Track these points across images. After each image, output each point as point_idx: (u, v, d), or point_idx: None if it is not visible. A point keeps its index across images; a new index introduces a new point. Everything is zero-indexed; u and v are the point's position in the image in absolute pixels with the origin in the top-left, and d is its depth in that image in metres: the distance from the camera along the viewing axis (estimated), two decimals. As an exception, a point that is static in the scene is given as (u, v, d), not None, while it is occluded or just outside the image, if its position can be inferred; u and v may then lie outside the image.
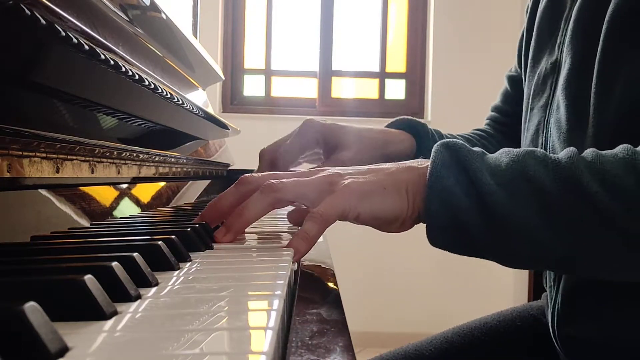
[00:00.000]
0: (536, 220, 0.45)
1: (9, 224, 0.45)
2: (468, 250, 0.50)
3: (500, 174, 0.47)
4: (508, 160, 0.48)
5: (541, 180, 0.46)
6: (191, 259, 0.42)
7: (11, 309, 0.20)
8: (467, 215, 0.47)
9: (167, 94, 0.68)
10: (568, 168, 0.46)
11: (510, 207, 0.46)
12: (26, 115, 0.47)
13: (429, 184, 0.48)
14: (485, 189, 0.46)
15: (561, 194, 0.45)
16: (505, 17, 2.76)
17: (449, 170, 0.47)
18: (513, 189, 0.46)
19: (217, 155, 1.26)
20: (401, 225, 0.51)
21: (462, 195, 0.47)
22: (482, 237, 0.47)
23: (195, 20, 1.51)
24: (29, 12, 0.37)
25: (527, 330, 0.75)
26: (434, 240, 0.50)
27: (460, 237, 0.48)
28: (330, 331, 0.29)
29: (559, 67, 0.65)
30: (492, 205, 0.46)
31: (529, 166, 0.46)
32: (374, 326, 2.66)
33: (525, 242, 0.46)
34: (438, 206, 0.47)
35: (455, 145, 0.49)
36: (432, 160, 0.49)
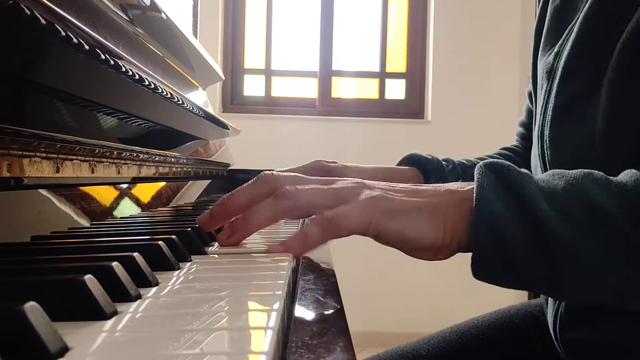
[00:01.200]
0: (598, 252, 0.41)
1: (9, 224, 0.45)
2: (517, 284, 0.45)
3: (557, 198, 0.42)
4: (564, 184, 0.43)
5: (605, 207, 0.41)
6: (191, 259, 0.42)
7: (11, 308, 0.20)
8: (519, 245, 0.42)
9: (167, 93, 0.68)
10: (636, 192, 0.42)
11: (572, 237, 0.41)
12: (26, 115, 0.47)
13: (476, 209, 0.42)
14: (543, 214, 0.41)
15: (628, 221, 0.41)
16: (505, 17, 2.76)
17: (498, 195, 0.42)
18: (574, 215, 0.41)
19: (217, 155, 1.26)
20: (436, 253, 0.46)
21: (514, 222, 0.42)
22: (534, 268, 0.42)
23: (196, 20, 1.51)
24: (29, 12, 0.37)
25: (525, 329, 0.75)
26: (480, 272, 0.44)
27: (510, 269, 0.43)
28: (330, 331, 0.29)
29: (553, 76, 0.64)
30: (551, 235, 0.41)
31: (590, 190, 0.42)
32: (374, 326, 2.65)
33: (582, 274, 0.42)
34: (486, 234, 0.42)
35: (502, 167, 0.44)
36: (478, 183, 0.43)
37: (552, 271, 0.42)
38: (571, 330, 0.62)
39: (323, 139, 2.68)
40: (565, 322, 0.62)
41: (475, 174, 0.44)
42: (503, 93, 2.73)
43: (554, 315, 0.64)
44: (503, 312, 0.78)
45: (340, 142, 2.68)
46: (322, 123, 2.74)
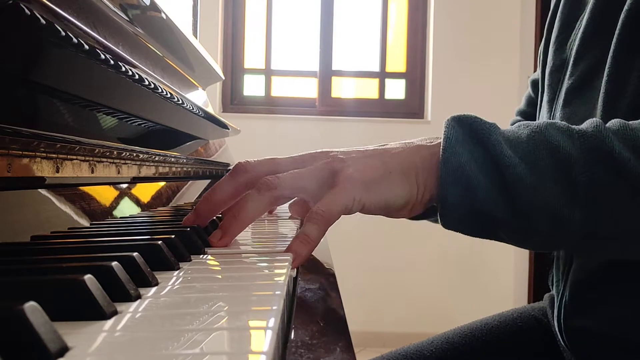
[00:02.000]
0: (561, 193, 0.42)
1: (9, 223, 0.45)
2: (484, 231, 0.47)
3: (521, 147, 0.43)
4: (529, 132, 0.45)
5: (567, 150, 0.43)
6: (191, 259, 0.42)
7: (11, 308, 0.20)
8: (485, 193, 0.43)
9: (167, 93, 0.68)
10: (595, 137, 0.43)
11: (533, 181, 0.42)
12: (26, 115, 0.47)
13: (443, 163, 0.44)
14: (506, 161, 0.43)
15: (590, 165, 0.42)
16: (505, 17, 2.76)
17: (464, 147, 0.44)
18: (536, 161, 0.43)
19: (217, 155, 1.26)
20: (411, 210, 0.48)
21: (479, 172, 0.43)
22: (501, 215, 0.44)
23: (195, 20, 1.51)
24: (29, 12, 0.37)
25: (528, 331, 0.75)
26: (449, 223, 0.46)
27: (477, 218, 0.45)
28: (330, 331, 0.29)
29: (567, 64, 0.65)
30: (513, 180, 0.43)
31: (553, 137, 0.43)
32: (374, 326, 2.66)
33: (548, 217, 0.43)
34: (453, 186, 0.44)
35: (468, 119, 0.46)
36: (445, 136, 0.45)
37: (518, 218, 0.43)
38: (575, 318, 0.62)
39: (323, 139, 2.68)
40: (569, 310, 0.62)
41: (443, 126, 0.46)
42: (503, 93, 2.73)
43: (558, 305, 0.64)
44: (507, 315, 0.79)
45: (340, 142, 2.67)
46: (322, 123, 2.74)
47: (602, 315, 0.60)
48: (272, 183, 0.46)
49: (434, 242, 2.62)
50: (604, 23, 0.60)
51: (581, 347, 0.63)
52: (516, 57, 2.74)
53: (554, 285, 0.68)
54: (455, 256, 2.67)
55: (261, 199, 0.47)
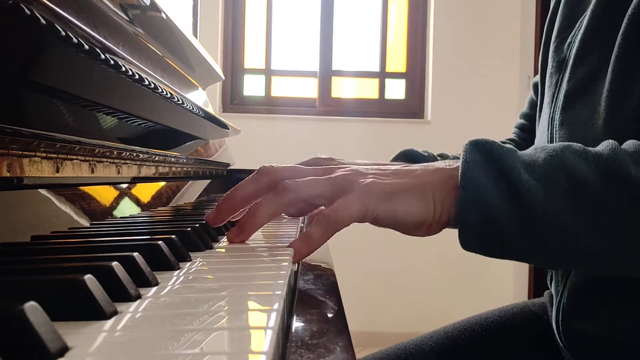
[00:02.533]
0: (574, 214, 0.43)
1: (9, 223, 0.45)
2: (502, 252, 0.47)
3: (538, 170, 0.45)
4: (545, 155, 0.46)
5: (583, 174, 0.44)
6: (191, 259, 0.42)
7: (11, 308, 0.20)
8: (502, 216, 0.44)
9: (167, 93, 0.68)
10: (611, 160, 0.44)
11: (548, 203, 0.43)
12: (26, 115, 0.47)
13: (462, 185, 0.45)
14: (523, 185, 0.44)
15: (604, 187, 0.43)
16: (505, 17, 2.76)
17: (482, 169, 0.45)
18: (551, 184, 0.44)
19: (217, 155, 1.26)
20: (427, 229, 0.49)
21: (497, 195, 0.44)
22: (517, 237, 0.45)
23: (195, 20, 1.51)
24: (29, 12, 0.37)
25: (528, 327, 0.75)
26: (468, 243, 0.47)
27: (494, 239, 0.46)
28: (330, 331, 0.29)
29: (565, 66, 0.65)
30: (530, 202, 0.44)
31: (568, 160, 0.45)
32: (374, 326, 2.66)
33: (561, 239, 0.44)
34: (472, 207, 0.45)
35: (486, 144, 0.47)
36: (463, 159, 0.46)
37: (536, 240, 0.44)
38: (573, 321, 0.62)
39: (323, 139, 2.68)
40: (567, 313, 0.62)
41: (461, 151, 0.47)
42: (503, 93, 2.73)
43: (556, 306, 0.64)
44: (506, 309, 0.78)
45: (340, 142, 2.68)
46: (322, 123, 2.74)
47: (601, 319, 0.60)
48: (290, 187, 0.48)
49: (434, 243, 2.61)
50: (606, 25, 0.60)
51: (579, 349, 0.63)
52: (516, 57, 2.74)
53: (552, 287, 0.68)
54: (455, 256, 2.67)
55: (279, 200, 0.48)
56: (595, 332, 0.60)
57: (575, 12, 0.68)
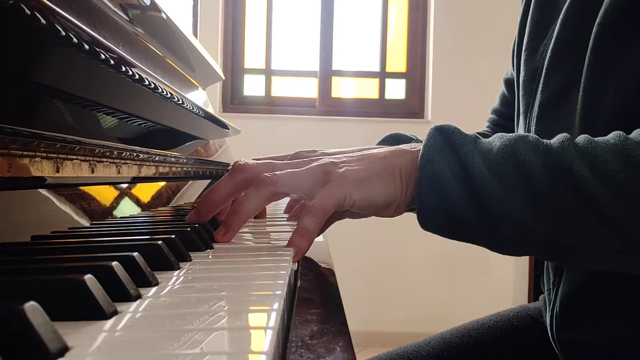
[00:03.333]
0: (523, 205, 0.45)
1: (9, 223, 0.45)
2: (458, 235, 0.49)
3: (491, 159, 0.46)
4: (500, 145, 0.47)
5: (531, 165, 0.45)
6: (191, 259, 0.42)
7: (11, 308, 0.20)
8: (456, 200, 0.46)
9: (167, 93, 0.68)
10: (559, 154, 0.45)
11: (499, 193, 0.45)
12: (26, 115, 0.47)
13: (420, 167, 0.47)
14: (476, 173, 0.46)
15: (550, 180, 0.45)
16: (505, 17, 2.75)
17: (441, 154, 0.47)
18: (502, 174, 0.46)
19: (218, 155, 1.26)
20: (396, 209, 0.51)
21: (452, 179, 0.46)
22: (471, 221, 0.47)
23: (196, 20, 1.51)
24: (29, 12, 0.37)
25: (524, 331, 0.75)
26: (425, 223, 0.49)
27: (450, 221, 0.48)
28: (330, 331, 0.29)
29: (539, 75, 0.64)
30: (481, 190, 0.46)
31: (520, 150, 0.46)
32: (374, 326, 2.66)
33: (512, 227, 0.46)
34: (429, 190, 0.47)
35: (448, 129, 0.48)
36: (425, 143, 0.48)
37: (487, 225, 0.47)
38: (566, 329, 0.62)
39: (323, 139, 2.68)
40: (560, 321, 0.62)
41: (426, 134, 0.49)
42: (503, 93, 2.73)
43: (550, 315, 0.64)
44: (503, 314, 0.79)
45: (340, 142, 2.67)
46: (322, 123, 2.74)
47: (593, 327, 0.59)
48: (270, 179, 0.49)
49: (433, 242, 2.61)
50: (577, 35, 0.59)
51: (574, 357, 0.63)
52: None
53: (545, 293, 0.68)
54: (455, 256, 2.67)
55: (259, 193, 0.49)
56: (589, 340, 0.60)
57: (546, 19, 0.66)
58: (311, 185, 0.49)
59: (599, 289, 0.59)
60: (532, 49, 0.67)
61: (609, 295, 0.58)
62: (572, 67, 0.59)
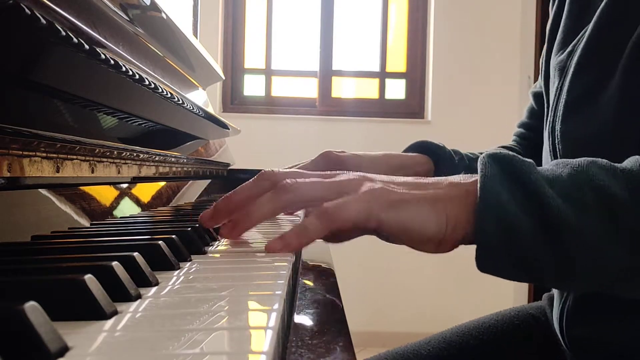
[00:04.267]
0: (605, 232, 0.41)
1: (10, 223, 0.45)
2: (526, 275, 0.44)
3: (563, 185, 0.42)
4: (570, 171, 0.43)
5: (611, 190, 0.41)
6: (191, 259, 0.42)
7: (11, 308, 0.20)
8: (527, 235, 0.41)
9: (168, 93, 0.68)
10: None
11: (580, 222, 0.40)
12: (26, 115, 0.47)
13: (481, 200, 0.41)
14: (549, 202, 0.41)
15: (634, 203, 0.41)
16: (505, 17, 2.76)
17: (502, 184, 0.42)
18: (580, 201, 0.41)
19: (218, 155, 1.26)
20: (437, 246, 0.45)
21: (520, 212, 0.41)
22: (543, 257, 0.41)
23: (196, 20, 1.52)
24: (29, 12, 0.37)
25: (525, 330, 0.75)
26: (486, 264, 0.43)
27: (518, 260, 0.42)
28: (330, 331, 0.29)
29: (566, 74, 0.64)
30: (558, 221, 0.40)
31: (595, 176, 0.42)
32: (374, 326, 2.66)
33: (590, 257, 0.41)
34: (492, 225, 0.41)
35: (506, 157, 0.43)
36: (482, 173, 0.43)
37: (560, 259, 0.41)
38: (578, 327, 0.62)
39: (323, 139, 2.68)
40: (572, 319, 0.62)
41: (478, 164, 0.44)
42: (503, 93, 2.73)
43: (559, 312, 0.64)
44: (504, 313, 0.78)
45: (341, 142, 2.67)
46: (322, 123, 2.74)
47: (606, 325, 0.59)
48: (290, 186, 0.46)
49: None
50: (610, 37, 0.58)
51: (584, 354, 0.63)
52: (516, 57, 2.74)
53: (555, 291, 0.67)
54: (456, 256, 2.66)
55: (277, 199, 0.46)
56: (601, 337, 0.60)
57: (579, 22, 0.66)
58: (334, 197, 0.44)
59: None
60: (562, 49, 0.67)
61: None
62: (601, 68, 0.58)
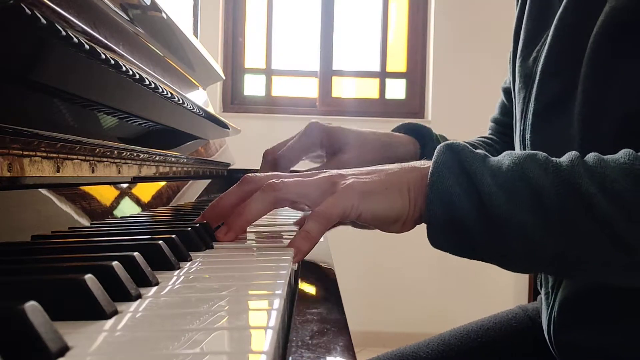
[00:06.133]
0: (532, 221, 0.45)
1: (10, 223, 0.45)
2: (467, 252, 0.50)
3: (501, 176, 0.47)
4: (509, 163, 0.48)
5: (540, 183, 0.46)
6: (192, 259, 0.42)
7: (12, 308, 0.20)
8: (466, 217, 0.47)
9: (168, 93, 0.68)
10: (568, 172, 0.46)
11: (508, 209, 0.46)
12: (27, 115, 0.47)
13: (430, 185, 0.48)
14: (485, 190, 0.46)
15: (559, 197, 0.45)
16: (505, 17, 2.75)
17: (451, 171, 0.48)
18: (512, 191, 0.46)
19: (218, 155, 1.26)
20: (403, 225, 0.51)
21: (462, 197, 0.47)
22: (480, 238, 0.47)
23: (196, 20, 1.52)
24: (30, 12, 0.37)
25: (523, 332, 0.75)
26: (435, 241, 0.50)
27: (459, 239, 0.48)
28: (330, 331, 0.29)
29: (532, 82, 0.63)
30: (491, 207, 0.46)
31: (529, 169, 0.47)
32: (374, 326, 2.66)
33: (521, 243, 0.46)
34: (439, 207, 0.47)
35: (457, 147, 0.49)
36: (435, 160, 0.49)
37: (497, 242, 0.47)
38: (564, 333, 0.62)
39: (323, 139, 2.67)
40: (558, 324, 0.62)
41: (435, 152, 0.49)
42: (503, 93, 2.73)
43: (547, 318, 0.64)
44: (502, 315, 0.79)
45: (341, 141, 2.68)
46: (322, 123, 2.73)
47: (592, 331, 0.59)
48: (276, 185, 0.50)
49: (434, 242, 2.61)
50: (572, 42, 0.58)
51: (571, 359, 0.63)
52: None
53: (542, 296, 0.67)
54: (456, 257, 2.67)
55: (265, 198, 0.50)
56: (587, 343, 0.60)
57: (540, 25, 0.65)
58: (318, 194, 0.50)
59: (598, 294, 0.59)
60: (525, 56, 0.66)
61: (608, 300, 0.58)
62: (566, 75, 0.58)
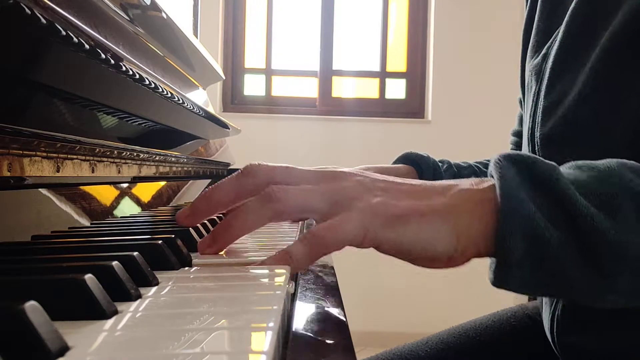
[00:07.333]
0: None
1: (10, 223, 0.45)
2: (553, 292, 0.40)
3: (595, 193, 0.37)
4: (598, 175, 0.38)
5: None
6: (192, 258, 0.42)
7: (12, 308, 0.20)
8: (558, 251, 0.36)
9: (168, 93, 0.68)
10: None
11: (619, 235, 0.36)
12: (27, 115, 0.47)
13: (503, 212, 0.36)
14: (582, 211, 0.36)
15: None
16: (505, 17, 2.75)
17: (526, 192, 0.37)
18: (616, 211, 0.36)
19: (218, 155, 1.26)
20: (448, 262, 0.39)
21: (549, 224, 0.36)
22: (578, 274, 0.37)
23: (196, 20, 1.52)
24: (30, 11, 0.37)
25: (522, 331, 0.75)
26: (504, 281, 0.38)
27: (547, 278, 0.37)
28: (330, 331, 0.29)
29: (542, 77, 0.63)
30: (594, 235, 0.36)
31: (632, 180, 0.37)
32: (374, 326, 2.65)
33: (633, 275, 0.37)
34: (518, 241, 0.36)
35: (524, 158, 0.38)
36: (500, 176, 0.37)
37: (597, 275, 0.37)
38: (567, 334, 0.62)
39: (323, 139, 2.68)
40: (562, 326, 0.62)
41: (492, 168, 0.38)
42: (503, 93, 2.73)
43: (550, 319, 0.63)
44: (501, 314, 0.78)
45: (341, 141, 2.68)
46: (322, 123, 2.74)
47: (597, 332, 0.59)
48: (276, 195, 0.39)
49: (434, 242, 2.61)
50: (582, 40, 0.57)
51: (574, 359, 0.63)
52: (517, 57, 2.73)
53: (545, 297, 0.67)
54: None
55: (261, 211, 0.40)
56: (592, 344, 0.59)
57: (551, 23, 0.65)
58: (328, 209, 0.39)
59: None
60: (536, 52, 0.66)
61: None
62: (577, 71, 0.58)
